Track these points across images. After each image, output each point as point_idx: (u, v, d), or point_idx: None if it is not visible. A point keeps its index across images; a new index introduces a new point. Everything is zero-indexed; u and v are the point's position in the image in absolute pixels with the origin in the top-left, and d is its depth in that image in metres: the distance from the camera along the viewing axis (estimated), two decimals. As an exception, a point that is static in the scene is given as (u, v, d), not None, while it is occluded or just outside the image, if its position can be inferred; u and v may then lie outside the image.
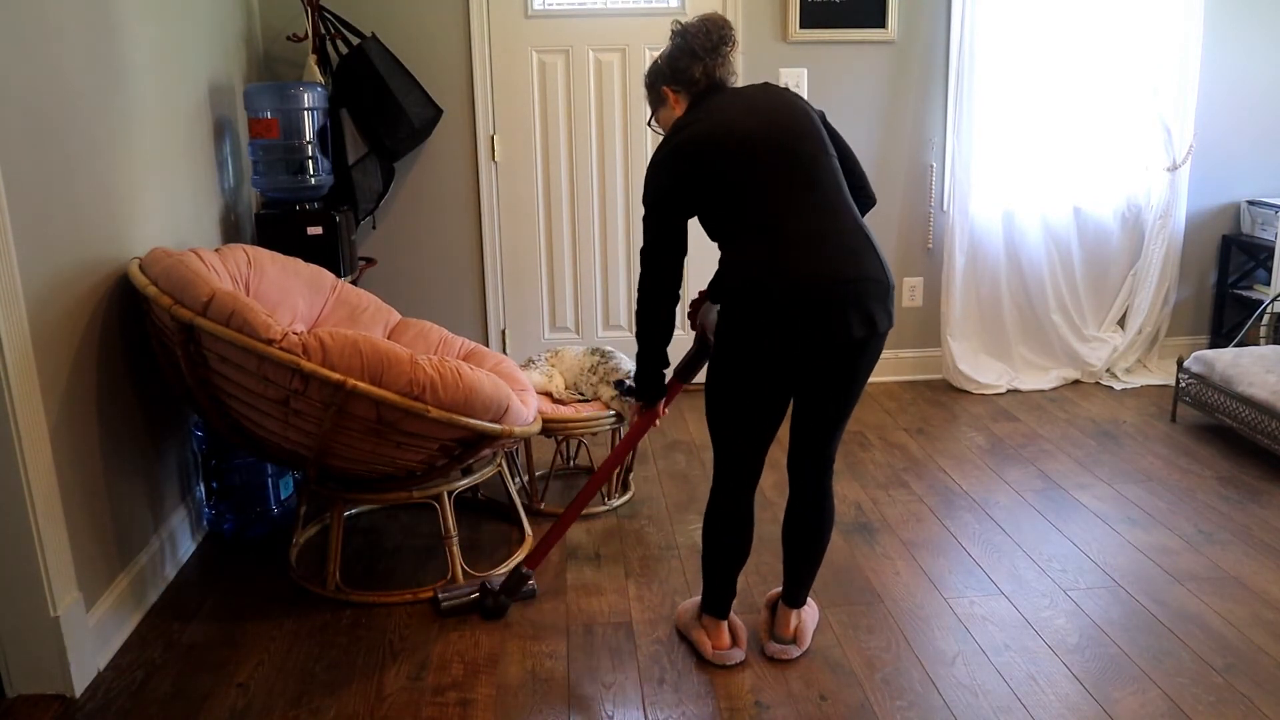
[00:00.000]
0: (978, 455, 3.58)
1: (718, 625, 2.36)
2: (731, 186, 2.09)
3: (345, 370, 2.33)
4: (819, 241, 2.05)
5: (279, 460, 2.63)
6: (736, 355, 2.11)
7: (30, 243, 2.12)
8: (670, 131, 2.17)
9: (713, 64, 2.19)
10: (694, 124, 2.12)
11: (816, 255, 2.04)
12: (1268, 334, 4.15)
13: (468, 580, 2.67)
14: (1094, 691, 2.20)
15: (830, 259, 2.04)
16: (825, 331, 2.04)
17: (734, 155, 2.08)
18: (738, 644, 2.36)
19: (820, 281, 2.03)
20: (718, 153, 2.08)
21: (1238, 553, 2.81)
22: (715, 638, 2.35)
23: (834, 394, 2.18)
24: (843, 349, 2.09)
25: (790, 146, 2.09)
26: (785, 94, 2.19)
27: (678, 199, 2.14)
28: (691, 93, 2.21)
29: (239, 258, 2.82)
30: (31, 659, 2.19)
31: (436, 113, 3.86)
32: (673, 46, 2.22)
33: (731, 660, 2.33)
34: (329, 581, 2.63)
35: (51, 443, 2.18)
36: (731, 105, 2.14)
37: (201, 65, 3.20)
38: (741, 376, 2.13)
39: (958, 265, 4.22)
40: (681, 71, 2.20)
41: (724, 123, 2.10)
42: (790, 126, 2.11)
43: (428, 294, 4.19)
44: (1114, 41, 4.11)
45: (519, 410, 2.62)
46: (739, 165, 2.08)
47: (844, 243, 2.07)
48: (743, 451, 2.21)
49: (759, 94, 2.17)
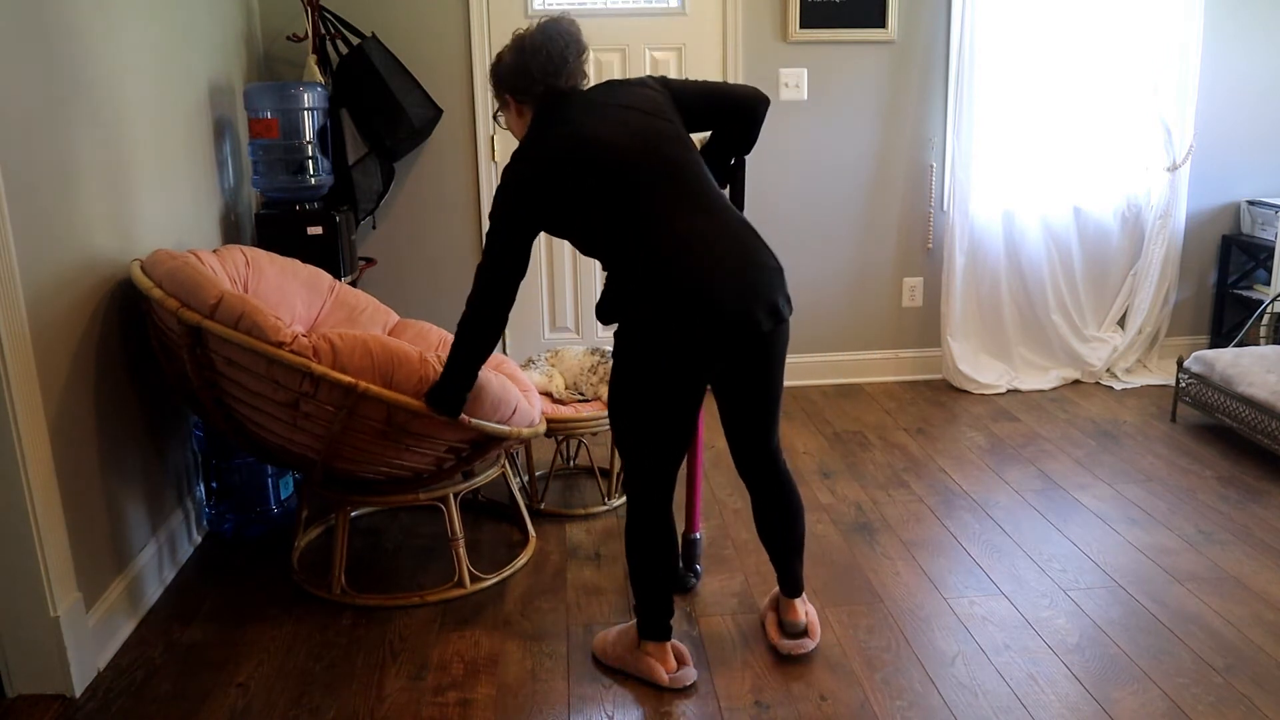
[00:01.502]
0: (978, 455, 3.58)
1: (662, 649, 2.24)
2: (599, 202, 2.01)
3: (355, 372, 2.32)
4: (706, 245, 2.00)
5: (284, 464, 2.62)
6: (642, 376, 2.05)
7: (30, 242, 2.12)
8: (524, 144, 2.08)
9: (555, 81, 2.09)
10: (548, 139, 2.03)
11: (709, 258, 1.99)
12: (1268, 334, 4.15)
13: None
14: (1094, 691, 2.20)
15: (722, 259, 1.99)
16: (734, 334, 2.00)
17: (598, 170, 2.00)
18: (685, 662, 2.26)
19: (717, 284, 1.97)
20: (580, 168, 2.01)
21: (1238, 553, 2.81)
22: (664, 661, 2.23)
23: (757, 389, 2.15)
24: (754, 346, 2.07)
25: (654, 152, 2.03)
26: (636, 93, 2.11)
27: (529, 214, 2.05)
28: (535, 104, 2.12)
29: (237, 259, 2.81)
30: (31, 659, 2.19)
31: (436, 113, 3.86)
32: (512, 59, 2.11)
33: (688, 680, 2.22)
34: (334, 585, 2.62)
35: (51, 443, 2.18)
36: (586, 116, 2.05)
37: (201, 65, 3.20)
38: (650, 394, 2.06)
39: (958, 265, 4.22)
40: (520, 89, 2.11)
41: (582, 136, 2.02)
42: (651, 131, 2.05)
43: (428, 294, 4.19)
44: (1114, 41, 4.11)
45: (526, 411, 2.62)
46: (605, 179, 2.00)
47: (729, 239, 2.03)
48: (659, 465, 2.14)
49: (611, 100, 2.09)
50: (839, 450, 3.65)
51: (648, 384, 2.05)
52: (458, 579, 2.66)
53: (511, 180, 2.05)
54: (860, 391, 4.34)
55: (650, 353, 2.02)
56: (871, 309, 4.42)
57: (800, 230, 4.28)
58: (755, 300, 2.01)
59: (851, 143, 4.20)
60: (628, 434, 2.14)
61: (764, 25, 4.05)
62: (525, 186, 2.04)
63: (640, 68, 4.05)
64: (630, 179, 2.01)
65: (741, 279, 2.00)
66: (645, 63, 4.05)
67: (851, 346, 4.45)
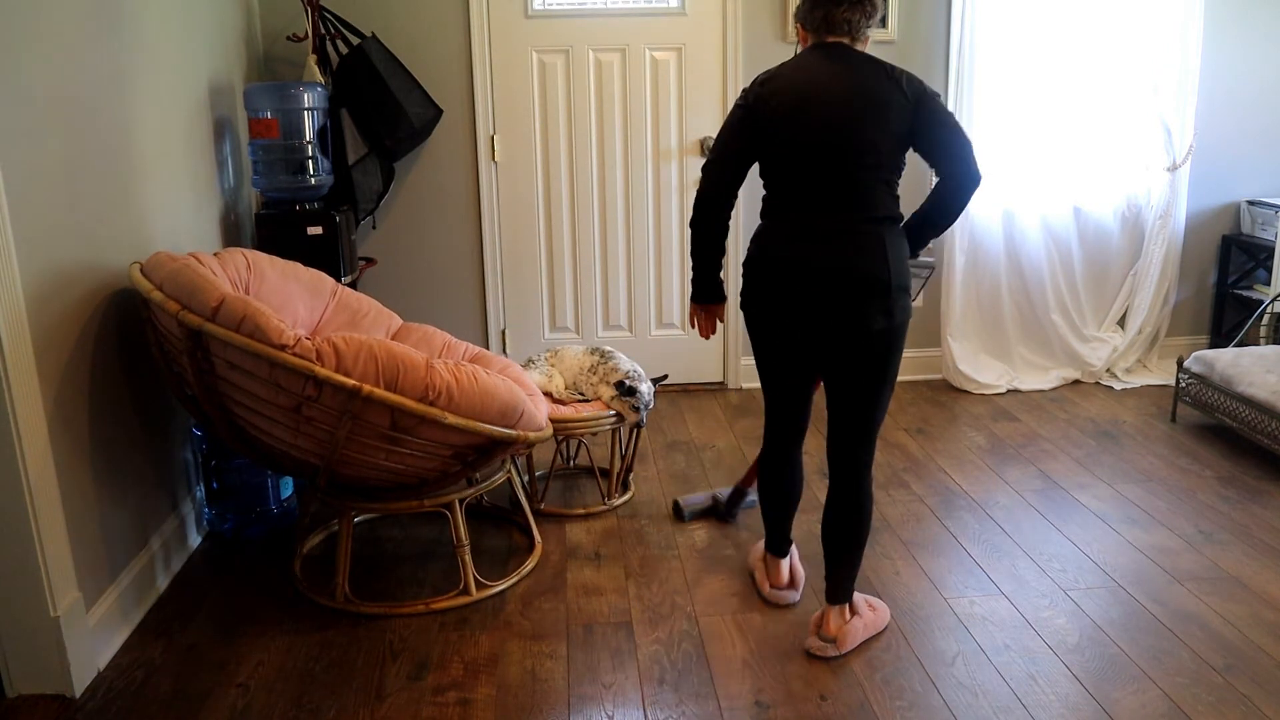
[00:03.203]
0: (978, 455, 3.58)
1: (776, 563, 2.60)
2: (778, 141, 2.21)
3: (360, 376, 2.29)
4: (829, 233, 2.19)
5: (287, 470, 2.59)
6: (750, 315, 2.37)
7: (30, 244, 2.12)
8: (762, 74, 2.28)
9: (835, 13, 2.20)
10: (773, 77, 2.24)
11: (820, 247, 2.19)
12: (1268, 334, 4.15)
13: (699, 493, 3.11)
14: (1094, 691, 2.20)
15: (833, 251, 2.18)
16: (812, 319, 2.21)
17: (794, 114, 2.18)
18: (794, 585, 2.59)
19: (805, 271, 2.19)
20: (784, 102, 2.19)
21: (1238, 553, 2.81)
22: (773, 576, 2.60)
23: (847, 390, 2.30)
24: (843, 338, 2.21)
25: (855, 131, 2.16)
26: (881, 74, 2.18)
27: (739, 132, 2.26)
28: (816, 34, 2.25)
29: (238, 262, 2.79)
30: (31, 659, 2.19)
31: (436, 113, 3.86)
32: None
33: (784, 600, 2.54)
34: (337, 593, 2.60)
35: (51, 443, 2.18)
36: (829, 67, 2.19)
37: (201, 65, 3.20)
38: (756, 335, 2.39)
39: (958, 265, 4.22)
40: (808, 13, 2.25)
41: (803, 81, 2.19)
42: (870, 113, 2.16)
43: (428, 294, 4.19)
44: (1114, 41, 4.11)
45: (533, 415, 2.60)
46: (795, 126, 2.18)
47: (856, 240, 2.18)
48: (773, 407, 2.48)
49: (860, 65, 2.19)
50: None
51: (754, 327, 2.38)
52: (463, 586, 2.64)
53: (742, 97, 2.28)
54: (860, 391, 4.34)
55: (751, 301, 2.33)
56: (871, 309, 4.41)
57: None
58: (839, 301, 2.18)
59: (851, 143, 4.20)
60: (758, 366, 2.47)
61: (764, 25, 4.05)
62: (740, 105, 2.27)
63: (640, 68, 4.05)
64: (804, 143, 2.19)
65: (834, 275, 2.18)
66: (645, 63, 4.05)
67: (851, 346, 4.45)
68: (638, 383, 3.11)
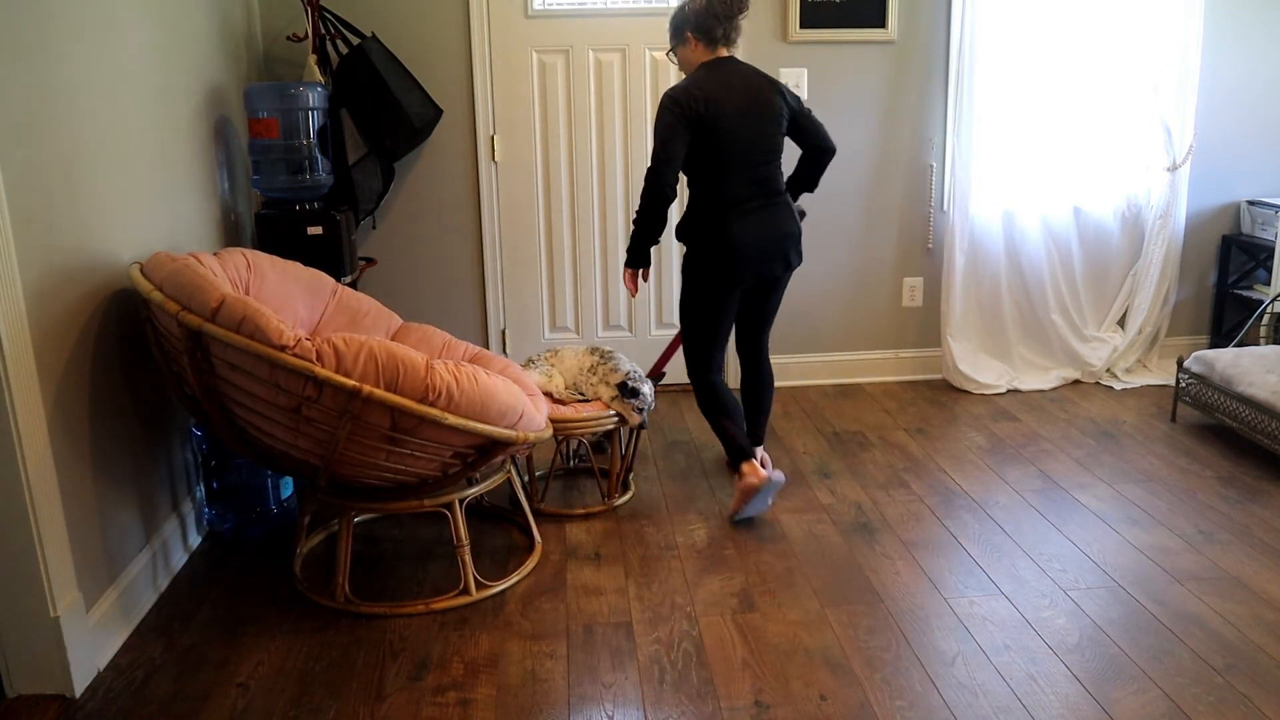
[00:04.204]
0: (978, 455, 3.58)
1: (751, 464, 3.03)
2: (711, 143, 2.87)
3: (360, 376, 2.29)
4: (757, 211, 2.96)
5: (287, 470, 2.59)
6: (700, 283, 3.02)
7: (30, 244, 2.13)
8: (680, 84, 2.89)
9: (729, 28, 2.91)
10: (696, 88, 2.86)
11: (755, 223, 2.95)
12: (1268, 334, 4.15)
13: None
14: (1094, 691, 2.20)
15: (765, 225, 2.97)
16: (759, 273, 3.01)
17: (721, 121, 2.85)
18: (767, 466, 3.19)
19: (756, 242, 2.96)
20: (713, 113, 2.84)
21: (1238, 553, 2.81)
22: (755, 473, 2.99)
23: (766, 307, 3.18)
24: (773, 277, 3.08)
25: (762, 131, 2.92)
26: (769, 87, 2.95)
27: (682, 124, 2.84)
28: (710, 46, 2.92)
29: (238, 262, 2.79)
30: (31, 659, 2.19)
31: (436, 113, 3.86)
32: (700, 6, 2.89)
33: (778, 479, 3.02)
34: (338, 593, 2.60)
35: (51, 444, 2.19)
36: (727, 90, 2.88)
37: (201, 65, 3.20)
38: (703, 295, 3.03)
39: (958, 265, 4.22)
40: (704, 29, 2.90)
41: (715, 103, 2.85)
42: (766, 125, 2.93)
43: (428, 294, 4.19)
44: (1114, 41, 4.11)
45: (533, 415, 2.60)
46: (723, 132, 2.86)
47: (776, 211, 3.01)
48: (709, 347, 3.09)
49: (752, 80, 2.93)
50: (839, 450, 3.65)
51: (702, 289, 3.02)
52: (463, 586, 2.64)
53: (675, 95, 2.86)
54: (860, 391, 4.34)
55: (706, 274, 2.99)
56: (871, 309, 4.42)
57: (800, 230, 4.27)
58: (777, 256, 3.02)
59: (851, 143, 4.20)
60: (691, 328, 3.09)
61: (764, 25, 4.05)
62: (681, 102, 2.84)
63: (640, 68, 4.05)
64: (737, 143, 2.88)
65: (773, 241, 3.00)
66: (645, 63, 4.05)
67: (851, 346, 4.46)
68: (640, 384, 3.11)
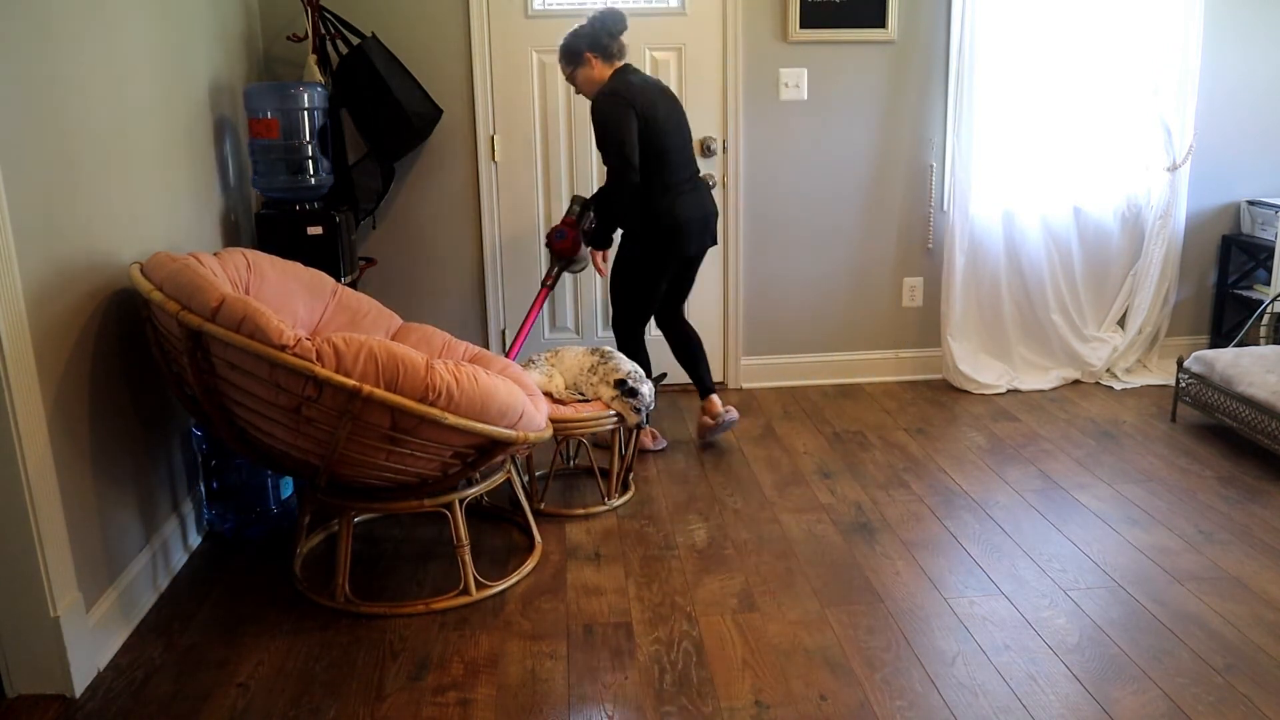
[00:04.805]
0: (978, 455, 3.58)
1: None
2: (653, 132, 3.28)
3: (360, 376, 2.29)
4: (691, 192, 3.41)
5: (287, 470, 2.59)
6: (645, 259, 3.42)
7: (30, 244, 2.12)
8: (609, 87, 3.28)
9: (620, 43, 3.33)
10: (629, 89, 3.27)
11: (692, 203, 3.40)
12: (1268, 334, 4.15)
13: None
14: (1094, 691, 2.20)
15: (699, 204, 3.42)
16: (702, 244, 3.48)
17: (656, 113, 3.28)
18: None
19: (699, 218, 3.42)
20: (648, 106, 3.27)
21: (1238, 553, 2.81)
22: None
23: (687, 282, 3.64)
24: (704, 251, 3.54)
25: (681, 127, 3.39)
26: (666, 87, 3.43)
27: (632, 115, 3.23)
28: (608, 61, 3.33)
29: (238, 262, 2.79)
30: (31, 659, 2.19)
31: (436, 113, 3.86)
32: (592, 26, 3.30)
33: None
34: (338, 593, 2.59)
35: (51, 444, 2.19)
36: (648, 88, 3.32)
37: (201, 65, 3.20)
38: (649, 269, 3.44)
39: (958, 265, 4.22)
40: (601, 47, 3.31)
41: (648, 99, 3.28)
42: (681, 117, 3.42)
43: (428, 294, 4.19)
44: (1114, 41, 4.11)
45: (533, 415, 2.60)
46: (659, 122, 3.29)
47: (702, 192, 3.47)
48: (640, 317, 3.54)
49: (660, 86, 3.39)
50: (839, 450, 3.65)
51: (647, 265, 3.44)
52: (463, 586, 2.64)
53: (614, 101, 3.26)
54: (860, 391, 4.34)
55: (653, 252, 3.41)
56: (871, 309, 4.42)
57: (800, 230, 4.28)
58: (708, 231, 3.50)
59: (851, 143, 4.20)
60: (631, 298, 3.50)
61: (764, 25, 4.05)
62: (622, 105, 3.24)
63: (640, 68, 4.04)
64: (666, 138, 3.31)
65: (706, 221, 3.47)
66: (645, 63, 4.05)
67: (851, 346, 4.46)
68: (639, 384, 3.11)
